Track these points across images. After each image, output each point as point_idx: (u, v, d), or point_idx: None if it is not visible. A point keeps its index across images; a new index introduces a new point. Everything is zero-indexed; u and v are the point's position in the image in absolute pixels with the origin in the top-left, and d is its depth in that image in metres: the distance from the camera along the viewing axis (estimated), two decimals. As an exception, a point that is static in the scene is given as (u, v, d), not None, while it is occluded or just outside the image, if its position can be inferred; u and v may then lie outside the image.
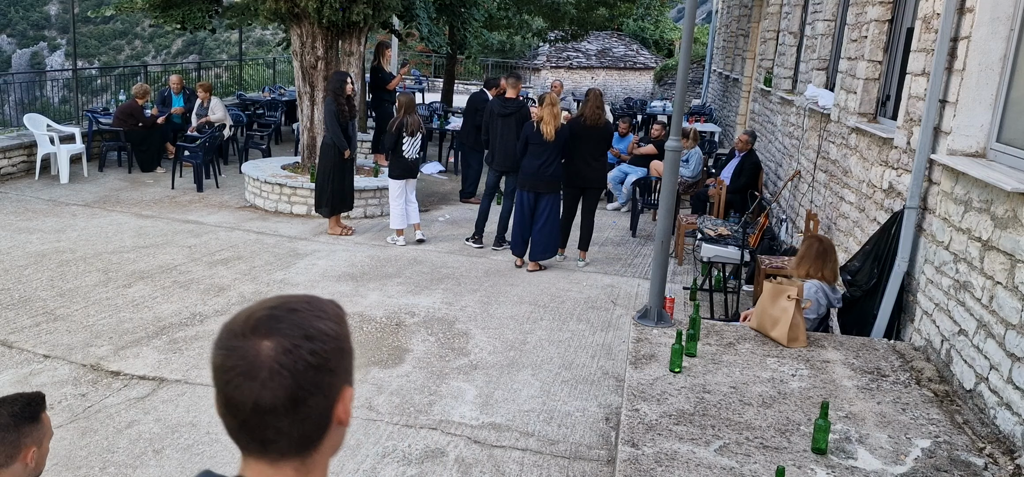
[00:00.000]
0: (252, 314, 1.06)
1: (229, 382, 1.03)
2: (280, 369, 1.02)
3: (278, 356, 1.02)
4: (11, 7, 54.70)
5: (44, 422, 2.32)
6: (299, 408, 1.04)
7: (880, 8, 6.24)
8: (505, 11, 17.91)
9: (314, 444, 1.09)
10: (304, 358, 1.03)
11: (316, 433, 1.08)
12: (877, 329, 4.78)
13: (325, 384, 1.06)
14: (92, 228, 8.39)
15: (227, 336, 1.05)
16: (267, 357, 1.02)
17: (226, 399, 1.05)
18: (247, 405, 1.03)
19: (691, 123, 13.76)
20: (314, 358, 1.04)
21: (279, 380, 1.02)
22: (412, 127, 8.20)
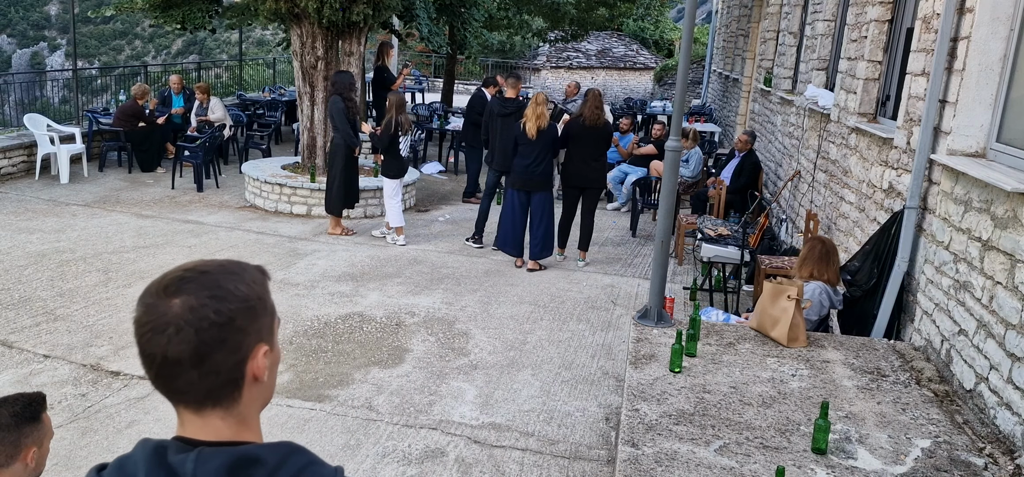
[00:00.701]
0: (168, 275, 1.15)
1: (143, 336, 1.11)
2: (185, 325, 1.09)
3: (184, 313, 1.10)
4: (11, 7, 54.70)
5: (45, 422, 2.31)
6: (204, 362, 1.11)
7: (880, 8, 6.24)
8: (505, 11, 17.91)
9: (229, 396, 1.15)
10: (208, 316, 1.10)
11: (227, 387, 1.14)
12: (877, 329, 4.78)
13: (231, 341, 1.12)
14: (92, 228, 8.39)
15: (145, 295, 1.14)
16: (174, 314, 1.10)
17: (141, 352, 1.13)
18: (157, 357, 1.11)
19: (691, 123, 13.77)
20: (218, 316, 1.11)
21: (183, 335, 1.09)
22: (405, 126, 8.30)
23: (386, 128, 8.22)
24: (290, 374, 5.23)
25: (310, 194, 9.54)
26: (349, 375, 5.25)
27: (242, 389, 1.16)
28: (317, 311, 6.38)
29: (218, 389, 1.14)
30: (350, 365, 5.41)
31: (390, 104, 8.30)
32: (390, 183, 8.34)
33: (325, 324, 6.12)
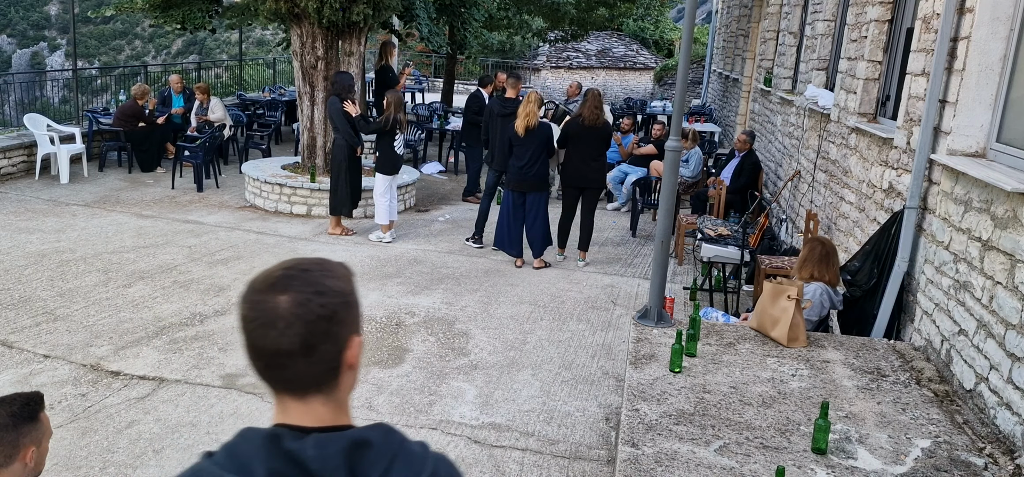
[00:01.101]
0: (271, 273, 1.25)
1: (253, 331, 1.21)
2: (294, 320, 1.19)
3: (293, 308, 1.19)
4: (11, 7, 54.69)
5: (43, 422, 2.31)
6: (311, 353, 1.20)
7: (880, 8, 6.24)
8: (505, 11, 17.90)
9: (330, 383, 1.25)
10: (314, 310, 1.20)
11: (330, 374, 1.25)
12: (877, 329, 4.78)
13: (333, 333, 1.23)
14: (92, 228, 8.39)
15: (250, 292, 1.24)
16: (284, 310, 1.19)
17: (251, 346, 1.22)
18: (268, 350, 1.20)
19: (691, 123, 13.77)
20: (323, 310, 1.21)
21: (294, 329, 1.19)
22: (403, 125, 8.37)
23: (380, 122, 8.27)
24: (290, 374, 5.22)
25: (310, 194, 9.54)
26: (349, 375, 5.25)
27: (340, 377, 1.27)
28: (317, 311, 6.37)
29: (322, 377, 1.24)
30: (350, 365, 5.41)
31: (388, 102, 8.34)
32: (382, 180, 8.37)
33: (325, 324, 6.12)
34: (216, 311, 6.26)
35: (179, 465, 4.09)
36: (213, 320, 6.07)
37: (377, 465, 1.20)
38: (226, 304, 6.42)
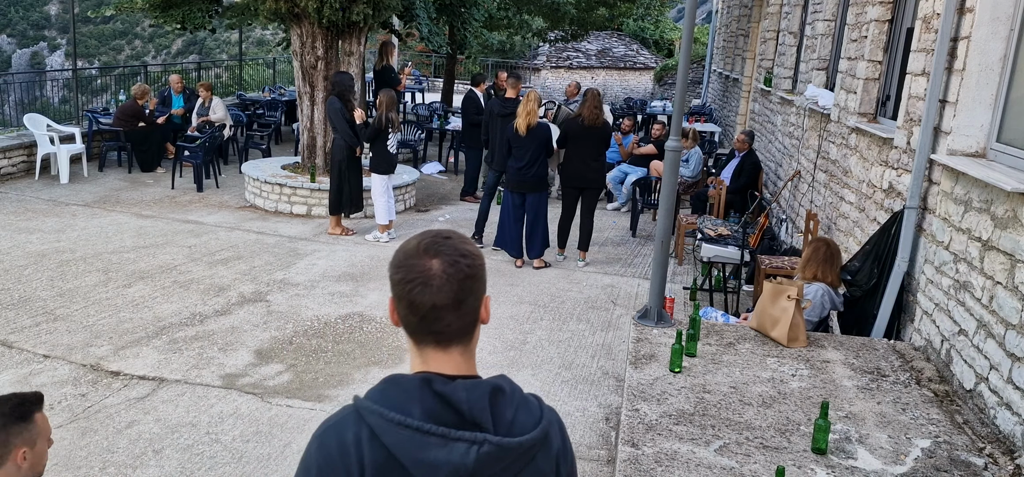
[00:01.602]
0: (421, 242, 1.42)
1: (412, 290, 1.38)
2: (447, 279, 1.38)
3: (445, 269, 1.38)
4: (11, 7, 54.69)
5: (37, 423, 2.29)
6: (460, 306, 1.40)
7: (880, 8, 6.24)
8: (505, 11, 17.90)
9: (469, 335, 1.45)
10: (463, 270, 1.39)
11: (471, 326, 1.45)
12: (877, 329, 4.78)
13: (475, 289, 1.43)
14: (92, 228, 8.39)
15: (404, 258, 1.42)
16: (437, 270, 1.38)
17: (409, 303, 1.39)
18: (426, 305, 1.38)
19: (691, 123, 13.77)
20: (470, 270, 1.41)
21: (448, 286, 1.37)
22: (395, 125, 8.38)
23: (375, 123, 8.27)
24: (290, 374, 5.23)
25: (310, 194, 9.54)
26: (349, 375, 5.25)
27: (476, 329, 1.47)
28: (317, 311, 6.38)
29: (466, 329, 1.44)
30: (350, 365, 5.41)
31: (380, 101, 8.35)
32: (379, 180, 8.37)
33: (325, 324, 6.12)
34: (216, 311, 6.26)
35: (179, 465, 4.09)
36: (213, 320, 6.07)
37: (510, 408, 1.42)
38: (226, 304, 6.42)
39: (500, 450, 1.36)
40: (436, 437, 1.34)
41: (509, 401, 1.43)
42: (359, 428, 1.36)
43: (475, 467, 1.34)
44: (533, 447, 1.42)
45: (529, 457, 1.43)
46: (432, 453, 1.33)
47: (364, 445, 1.35)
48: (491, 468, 1.37)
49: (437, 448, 1.34)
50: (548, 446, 1.47)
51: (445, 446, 1.34)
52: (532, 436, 1.41)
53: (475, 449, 1.35)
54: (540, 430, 1.43)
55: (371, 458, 1.35)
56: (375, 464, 1.34)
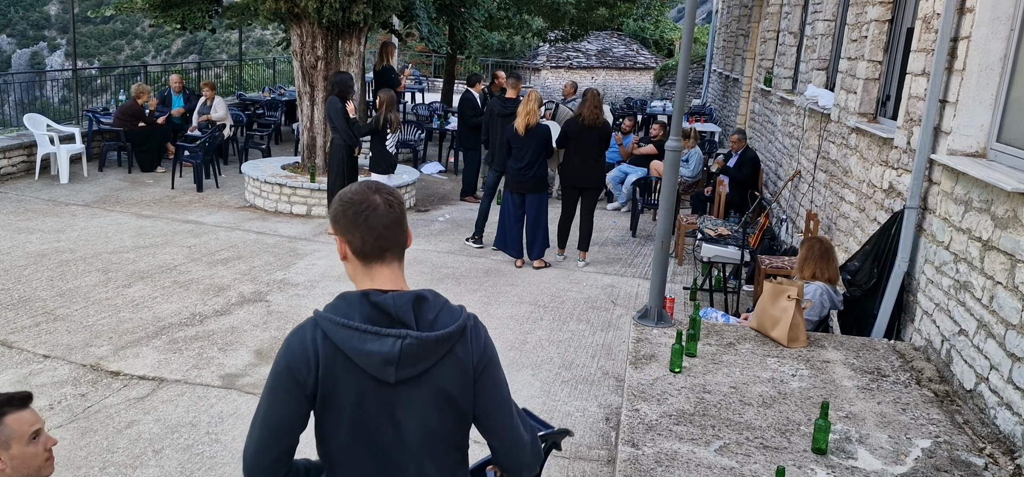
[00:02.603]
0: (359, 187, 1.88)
1: (367, 217, 1.83)
2: (388, 207, 1.85)
3: (385, 200, 1.85)
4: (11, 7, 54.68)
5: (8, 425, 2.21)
6: (400, 225, 1.87)
7: (880, 8, 6.24)
8: (505, 11, 17.90)
9: (403, 250, 1.90)
10: (395, 201, 1.87)
11: (404, 243, 1.90)
12: (877, 329, 4.78)
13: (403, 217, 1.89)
14: (92, 228, 8.38)
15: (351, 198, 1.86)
16: (380, 202, 1.84)
17: (366, 227, 1.83)
18: (379, 226, 1.83)
19: (691, 123, 13.77)
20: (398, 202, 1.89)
21: (391, 212, 1.84)
22: (395, 124, 8.35)
23: (373, 122, 8.27)
24: (290, 374, 5.22)
25: (310, 194, 9.54)
26: (349, 375, 5.25)
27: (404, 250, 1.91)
28: (317, 311, 6.37)
29: (401, 244, 1.88)
30: (350, 365, 5.41)
31: (380, 101, 8.35)
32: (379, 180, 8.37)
33: (325, 324, 6.12)
34: (216, 311, 6.26)
35: (179, 465, 4.09)
36: (213, 320, 6.07)
37: (432, 312, 1.84)
38: (226, 304, 6.42)
39: (420, 342, 1.78)
40: (370, 334, 1.77)
41: (432, 306, 1.85)
42: (314, 331, 1.80)
43: (401, 355, 1.77)
44: (450, 339, 1.82)
45: (447, 347, 1.82)
46: (368, 345, 1.76)
47: (319, 342, 1.79)
48: (414, 355, 1.78)
49: (372, 342, 1.76)
50: (465, 341, 1.86)
51: (378, 340, 1.76)
52: (448, 331, 1.81)
53: (400, 342, 1.77)
54: (456, 327, 1.83)
55: (324, 352, 1.78)
56: (326, 356, 1.78)
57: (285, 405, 1.80)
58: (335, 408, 1.81)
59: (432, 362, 1.81)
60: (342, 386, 1.80)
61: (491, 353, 1.92)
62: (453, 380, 1.84)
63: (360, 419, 1.82)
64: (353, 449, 1.84)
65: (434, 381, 1.83)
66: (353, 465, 1.86)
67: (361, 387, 1.80)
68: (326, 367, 1.78)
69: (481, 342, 1.89)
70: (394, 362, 1.77)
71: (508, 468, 1.99)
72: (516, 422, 1.95)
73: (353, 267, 1.89)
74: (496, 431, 1.93)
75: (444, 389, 1.84)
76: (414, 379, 1.81)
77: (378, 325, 1.78)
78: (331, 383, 1.79)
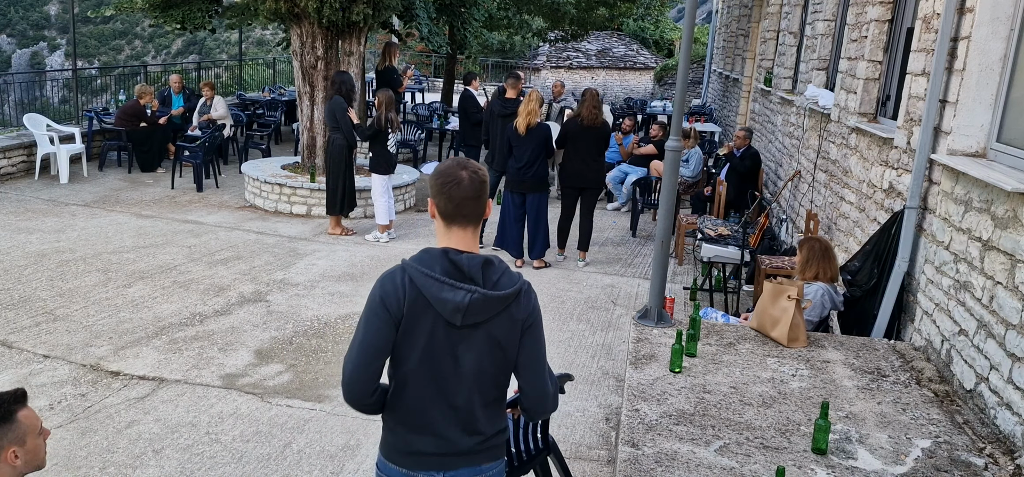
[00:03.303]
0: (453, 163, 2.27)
1: (451, 188, 2.22)
2: (470, 183, 2.23)
3: (470, 176, 2.24)
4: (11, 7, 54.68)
5: (21, 421, 2.28)
6: (479, 200, 2.26)
7: (880, 8, 6.24)
8: (505, 11, 17.90)
9: (479, 219, 2.29)
10: (478, 179, 2.25)
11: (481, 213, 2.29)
12: (877, 329, 4.78)
13: (484, 192, 2.27)
14: (92, 228, 8.38)
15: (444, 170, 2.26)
16: (465, 177, 2.23)
17: (448, 196, 2.22)
18: (459, 197, 2.22)
19: (691, 123, 13.78)
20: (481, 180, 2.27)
21: (472, 187, 2.23)
22: (395, 124, 8.37)
23: (374, 122, 8.26)
24: (290, 374, 5.22)
25: (310, 194, 9.54)
26: (349, 375, 5.25)
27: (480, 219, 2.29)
28: (317, 311, 6.38)
29: (479, 214, 2.27)
30: (350, 365, 5.41)
31: (379, 101, 8.34)
32: (379, 180, 8.37)
33: (325, 324, 6.12)
34: (216, 311, 6.26)
35: (179, 465, 4.09)
36: (213, 320, 6.07)
37: (495, 274, 2.23)
38: (226, 304, 6.42)
39: (484, 298, 2.19)
40: (447, 285, 2.17)
41: (496, 270, 2.24)
42: (403, 276, 2.21)
43: (469, 305, 2.17)
44: (507, 298, 2.22)
45: (504, 305, 2.23)
46: (444, 293, 2.17)
47: (406, 285, 2.19)
48: (479, 307, 2.19)
49: (447, 291, 2.17)
50: (519, 302, 2.26)
51: (452, 290, 2.17)
52: (508, 292, 2.22)
53: (470, 295, 2.17)
54: (513, 289, 2.24)
55: (409, 293, 2.19)
56: (411, 296, 2.19)
57: (378, 330, 2.22)
58: (412, 338, 2.23)
59: (492, 315, 2.22)
60: (420, 322, 2.21)
61: (537, 315, 2.32)
62: (505, 331, 2.25)
63: (429, 350, 2.23)
64: (419, 372, 2.25)
65: (490, 330, 2.24)
66: (418, 386, 2.26)
67: (433, 325, 2.21)
68: (410, 304, 2.20)
69: (531, 305, 2.30)
70: (462, 310, 2.18)
71: (529, 409, 2.38)
72: (545, 375, 2.33)
73: (438, 225, 2.29)
74: (529, 378, 2.31)
75: (497, 337, 2.24)
76: (475, 325, 2.22)
77: (454, 279, 2.19)
78: (412, 318, 2.21)
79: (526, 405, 2.37)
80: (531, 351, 2.30)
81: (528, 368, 2.31)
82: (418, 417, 2.29)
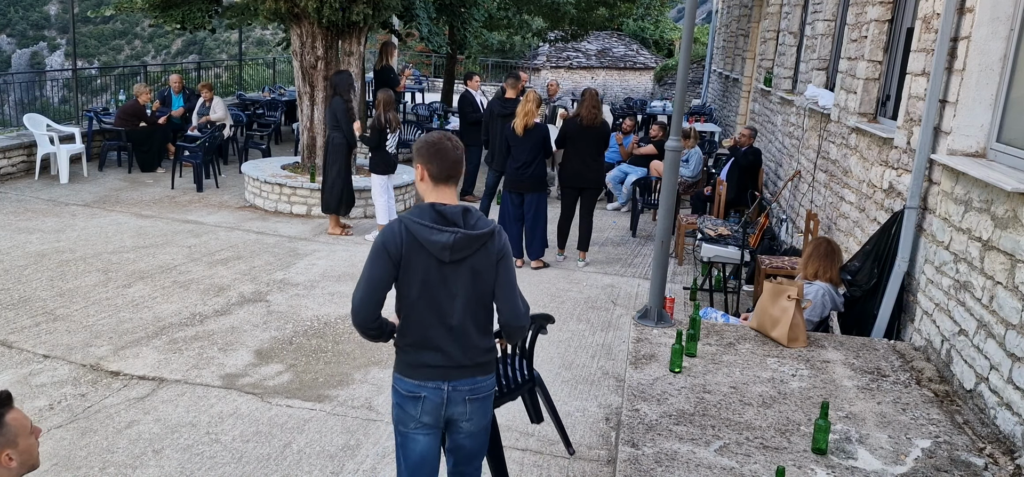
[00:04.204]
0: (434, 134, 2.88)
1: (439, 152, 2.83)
2: (454, 150, 2.86)
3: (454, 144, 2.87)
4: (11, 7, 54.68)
5: (10, 424, 2.29)
6: (459, 164, 2.86)
7: (880, 8, 6.24)
8: (505, 11, 17.90)
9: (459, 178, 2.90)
10: (459, 147, 2.88)
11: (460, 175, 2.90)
12: (877, 329, 4.78)
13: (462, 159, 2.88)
14: (92, 228, 8.38)
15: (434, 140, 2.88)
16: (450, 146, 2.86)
17: (440, 160, 2.82)
18: (449, 160, 2.83)
19: (691, 123, 13.78)
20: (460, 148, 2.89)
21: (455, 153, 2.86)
22: (394, 124, 8.34)
23: (375, 124, 8.26)
24: (290, 374, 5.22)
25: (310, 194, 9.54)
26: (349, 375, 5.25)
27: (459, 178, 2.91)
28: (317, 311, 6.38)
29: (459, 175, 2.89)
30: (350, 365, 5.41)
31: (379, 101, 8.34)
32: (379, 180, 8.37)
33: (325, 324, 6.12)
34: (216, 311, 6.26)
35: (179, 465, 4.09)
36: (213, 320, 6.07)
37: (473, 219, 2.83)
38: (226, 304, 6.42)
39: (466, 237, 2.80)
40: (435, 229, 2.78)
41: (473, 216, 2.85)
42: (400, 225, 2.81)
43: (453, 243, 2.78)
44: (484, 237, 2.83)
45: (482, 242, 2.84)
46: (433, 236, 2.78)
47: (403, 233, 2.80)
48: (461, 245, 2.79)
49: (436, 234, 2.78)
50: (494, 239, 2.86)
51: (440, 233, 2.78)
52: (483, 231, 2.84)
53: (453, 235, 2.78)
54: (488, 229, 2.85)
55: (406, 239, 2.79)
56: (407, 241, 2.79)
57: (381, 268, 2.82)
58: (410, 274, 2.83)
59: (473, 251, 2.82)
60: (415, 260, 2.80)
61: (507, 250, 2.92)
62: (484, 263, 2.85)
63: (425, 283, 2.82)
64: (420, 302, 2.84)
65: (473, 263, 2.84)
66: (421, 313, 2.85)
67: (427, 263, 2.81)
68: (407, 247, 2.79)
69: (502, 241, 2.89)
70: (449, 248, 2.78)
71: (505, 324, 2.97)
72: (517, 297, 2.95)
73: (426, 186, 2.88)
74: (504, 297, 2.92)
75: (478, 269, 2.85)
76: (460, 261, 2.82)
77: (440, 224, 2.79)
78: (409, 258, 2.80)
79: (503, 320, 2.95)
80: (504, 277, 2.90)
81: (503, 289, 2.90)
82: (423, 338, 2.87)
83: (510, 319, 2.94)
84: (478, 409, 2.98)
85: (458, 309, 2.84)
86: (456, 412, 2.93)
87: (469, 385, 2.92)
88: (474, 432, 3.02)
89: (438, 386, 2.88)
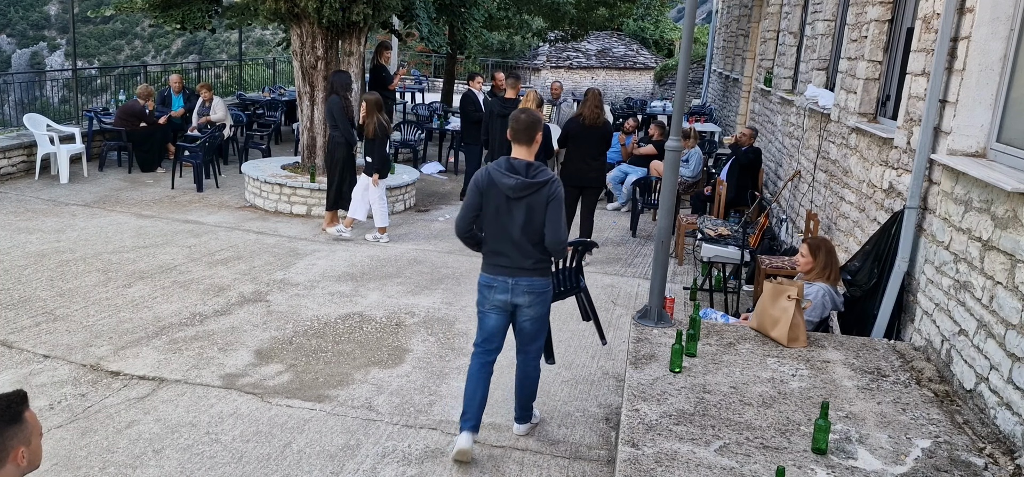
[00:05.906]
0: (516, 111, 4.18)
1: (515, 121, 4.11)
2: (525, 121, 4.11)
3: (526, 117, 4.12)
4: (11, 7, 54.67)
5: (28, 421, 2.32)
6: (531, 130, 4.12)
7: (880, 8, 6.24)
8: (505, 11, 17.90)
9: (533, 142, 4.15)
10: (530, 118, 4.12)
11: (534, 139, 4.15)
12: (877, 329, 4.78)
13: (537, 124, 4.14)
14: (92, 228, 8.38)
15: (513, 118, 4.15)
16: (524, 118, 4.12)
17: (513, 129, 4.12)
18: (517, 127, 4.11)
19: (691, 123, 13.78)
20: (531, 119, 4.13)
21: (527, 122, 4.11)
22: (387, 127, 8.31)
23: (378, 131, 8.16)
24: (290, 374, 5.22)
25: (310, 194, 9.54)
26: (349, 375, 5.25)
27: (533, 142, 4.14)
28: (317, 311, 6.38)
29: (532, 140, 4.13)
30: (350, 365, 5.41)
31: (367, 104, 8.12)
32: (378, 187, 8.35)
33: (325, 324, 6.12)
34: (216, 311, 6.26)
35: (179, 465, 4.09)
36: (213, 320, 6.07)
37: (534, 170, 4.04)
38: (226, 304, 6.42)
39: (524, 182, 3.98)
40: (507, 174, 4.00)
41: (536, 168, 4.02)
42: (485, 172, 4.07)
43: (515, 185, 3.98)
44: (539, 184, 3.99)
45: (538, 187, 3.99)
46: (504, 179, 4.00)
47: (486, 175, 4.06)
48: (523, 187, 3.98)
49: (507, 178, 3.99)
50: (548, 186, 3.99)
51: (510, 177, 3.99)
52: (540, 179, 4.00)
53: (516, 180, 3.98)
54: (544, 178, 4.00)
55: (487, 179, 4.06)
56: (487, 183, 4.05)
57: (474, 197, 4.09)
58: (488, 203, 4.06)
59: (532, 192, 3.99)
60: (492, 195, 4.04)
61: (559, 194, 4.02)
62: (539, 202, 4.00)
63: (497, 211, 4.05)
64: (494, 222, 4.07)
65: (530, 201, 4.01)
66: (494, 229, 4.08)
67: (499, 197, 4.03)
68: (487, 185, 4.05)
69: (553, 189, 4.00)
70: (513, 189, 3.98)
71: (549, 243, 4.03)
72: (559, 228, 4.01)
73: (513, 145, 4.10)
74: (549, 226, 4.01)
75: (532, 205, 4.01)
76: (521, 197, 4.00)
77: (511, 172, 4.00)
78: (488, 192, 4.05)
79: (547, 242, 4.03)
80: (553, 212, 4.00)
81: (550, 220, 4.01)
82: (495, 247, 4.10)
83: (552, 239, 4.01)
84: (535, 301, 4.13)
85: (517, 229, 4.01)
86: (520, 301, 4.10)
87: (527, 282, 4.08)
88: (533, 317, 4.17)
89: (505, 280, 4.08)
